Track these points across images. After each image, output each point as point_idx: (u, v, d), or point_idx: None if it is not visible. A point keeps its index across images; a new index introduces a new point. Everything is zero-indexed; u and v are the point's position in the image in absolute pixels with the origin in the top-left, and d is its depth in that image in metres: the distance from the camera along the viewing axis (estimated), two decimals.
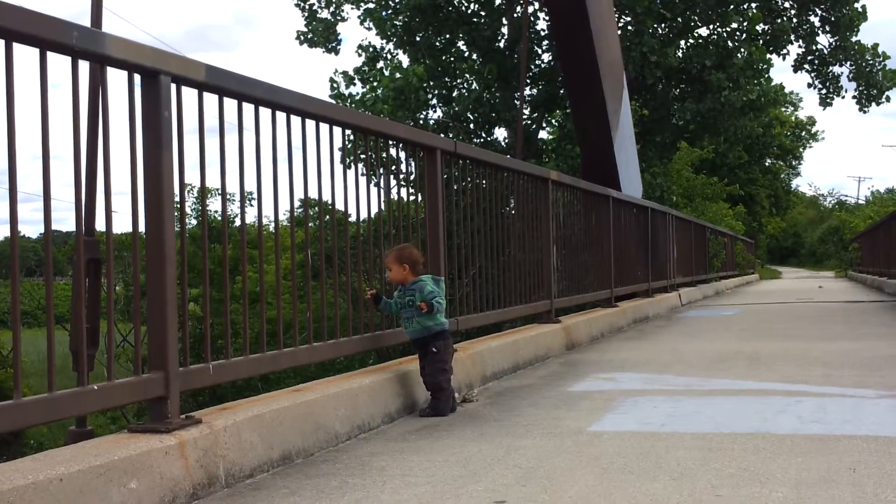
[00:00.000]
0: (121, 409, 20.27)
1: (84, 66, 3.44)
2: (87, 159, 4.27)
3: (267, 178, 4.47)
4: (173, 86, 3.75)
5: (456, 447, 4.34)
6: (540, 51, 29.94)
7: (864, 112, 31.98)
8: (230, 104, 4.20)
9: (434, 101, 29.40)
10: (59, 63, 3.31)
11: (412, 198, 6.58)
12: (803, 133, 70.43)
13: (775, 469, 3.69)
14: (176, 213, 3.77)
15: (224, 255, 4.37)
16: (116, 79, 3.62)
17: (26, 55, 3.15)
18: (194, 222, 17.65)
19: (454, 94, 29.39)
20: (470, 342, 7.12)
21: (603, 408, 5.41)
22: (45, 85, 3.18)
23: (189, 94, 3.91)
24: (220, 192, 4.31)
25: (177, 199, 3.77)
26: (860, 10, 30.16)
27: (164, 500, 3.26)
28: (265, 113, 4.46)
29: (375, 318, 5.59)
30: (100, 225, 4.81)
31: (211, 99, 4.07)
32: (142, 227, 3.67)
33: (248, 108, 4.37)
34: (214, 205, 20.59)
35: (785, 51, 30.42)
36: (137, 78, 3.65)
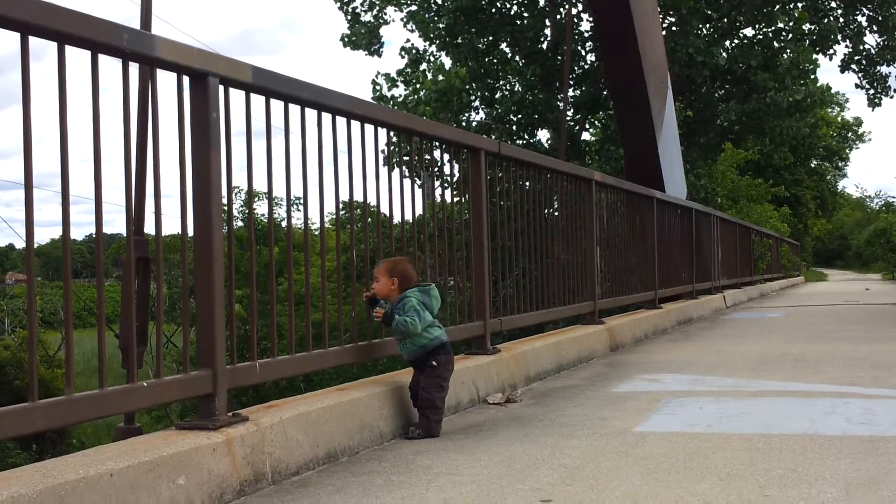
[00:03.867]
0: (165, 410, 20.51)
1: (133, 71, 3.49)
2: (136, 160, 4.32)
3: (312, 180, 4.51)
4: (221, 87, 3.79)
5: (501, 447, 4.34)
6: (583, 52, 29.82)
7: None
8: (277, 106, 4.24)
9: (476, 102, 29.37)
10: (106, 67, 3.36)
11: (455, 199, 6.59)
12: (850, 134, 69.69)
13: (824, 470, 3.66)
14: (223, 215, 3.81)
15: (270, 257, 4.41)
16: (164, 81, 3.67)
17: (77, 57, 3.20)
18: (240, 224, 17.79)
19: (497, 95, 29.35)
20: (513, 342, 7.12)
21: (648, 408, 5.38)
22: (97, 86, 3.23)
23: (236, 95, 3.96)
24: (265, 195, 4.34)
25: (224, 200, 3.81)
26: None
27: (212, 496, 3.30)
28: (311, 114, 4.49)
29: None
30: (148, 228, 4.88)
31: (258, 100, 4.11)
32: (190, 227, 3.71)
33: (294, 109, 4.40)
34: (261, 208, 20.70)
35: (832, 51, 30.06)
36: (186, 80, 3.70)
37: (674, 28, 26.41)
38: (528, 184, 7.69)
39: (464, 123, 27.78)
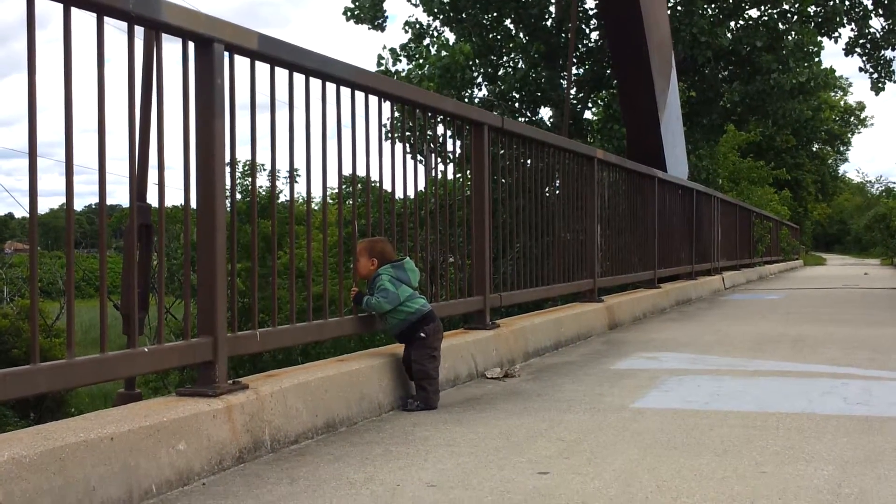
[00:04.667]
0: (163, 382, 20.55)
1: (137, 43, 3.47)
2: (140, 127, 4.31)
3: (316, 152, 4.50)
4: (226, 54, 3.78)
5: (499, 420, 4.36)
6: (587, 30, 29.71)
7: None
8: (281, 77, 4.23)
9: (480, 79, 29.28)
10: (109, 38, 3.34)
11: (457, 175, 6.58)
12: (852, 118, 69.50)
13: (821, 448, 3.68)
14: (226, 182, 3.80)
15: (273, 227, 4.41)
16: (170, 48, 3.66)
17: (80, 25, 3.19)
18: (239, 196, 17.78)
19: (500, 72, 29.25)
20: (512, 318, 7.13)
21: (646, 385, 5.40)
22: (102, 50, 3.22)
23: (241, 64, 3.94)
24: (267, 167, 4.34)
25: (227, 168, 3.80)
26: None
27: (212, 462, 3.31)
28: (315, 84, 4.47)
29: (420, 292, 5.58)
30: (150, 198, 4.88)
31: (263, 69, 4.09)
32: (193, 194, 3.71)
33: (299, 80, 4.38)
34: (261, 179, 20.63)
35: (836, 34, 29.96)
36: (191, 47, 3.68)
37: (679, 8, 26.31)
38: (529, 161, 7.68)
39: (466, 100, 27.70)
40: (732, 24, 28.48)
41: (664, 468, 3.39)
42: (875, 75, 32.13)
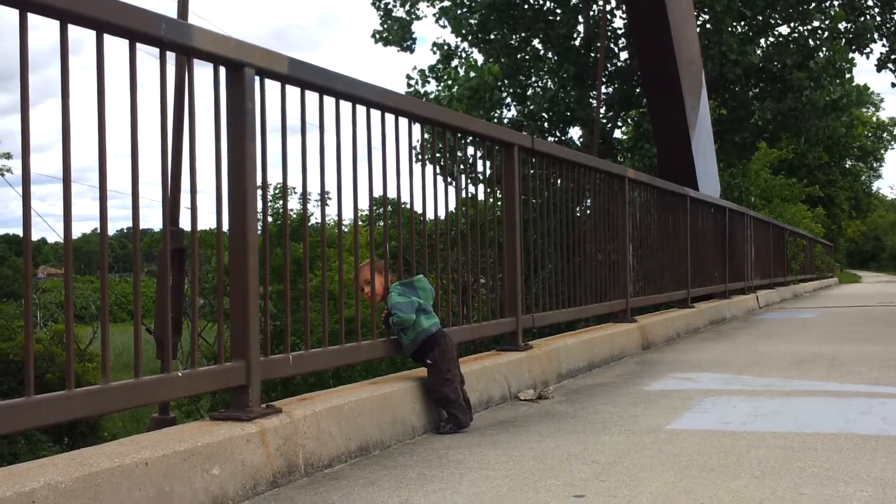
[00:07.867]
0: (195, 406, 20.62)
1: (169, 68, 3.49)
2: (172, 153, 4.33)
3: (346, 174, 4.50)
4: (257, 78, 3.80)
5: (533, 442, 4.33)
6: (616, 49, 29.69)
7: None
8: (311, 100, 4.23)
9: (508, 99, 29.31)
10: (141, 64, 3.36)
11: (488, 195, 6.56)
12: (885, 135, 69.01)
13: (860, 469, 3.62)
14: (258, 206, 3.81)
15: (304, 249, 4.41)
16: (200, 73, 3.68)
17: (113, 52, 3.22)
18: (271, 219, 17.82)
19: (529, 92, 29.28)
20: (545, 340, 7.10)
21: (681, 406, 5.35)
22: (135, 75, 3.24)
23: (272, 88, 3.96)
24: (298, 190, 4.34)
25: (259, 192, 3.81)
26: None
27: (246, 486, 3.31)
28: (345, 107, 4.48)
29: (452, 314, 5.57)
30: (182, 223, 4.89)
31: (293, 93, 4.11)
32: (225, 218, 3.72)
33: (329, 103, 4.39)
34: (292, 202, 20.71)
35: (868, 49, 29.76)
36: (222, 71, 3.70)
37: (708, 26, 26.24)
38: (560, 181, 7.66)
39: (495, 120, 27.73)
40: (763, 41, 28.36)
41: (701, 490, 3.35)
42: None
